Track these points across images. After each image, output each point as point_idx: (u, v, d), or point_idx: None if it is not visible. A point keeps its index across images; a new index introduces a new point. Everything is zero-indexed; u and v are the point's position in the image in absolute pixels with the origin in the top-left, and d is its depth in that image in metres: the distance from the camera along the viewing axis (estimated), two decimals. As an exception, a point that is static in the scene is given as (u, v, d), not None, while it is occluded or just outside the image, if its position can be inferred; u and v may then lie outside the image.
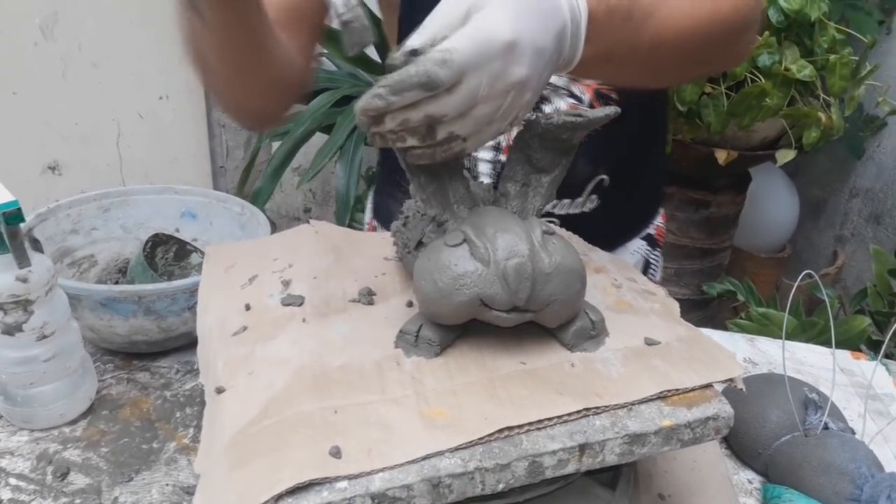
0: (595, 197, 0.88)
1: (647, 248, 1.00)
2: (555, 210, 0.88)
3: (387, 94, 0.47)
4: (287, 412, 0.50)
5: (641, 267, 1.00)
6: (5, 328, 0.67)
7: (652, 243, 1.01)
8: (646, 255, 1.00)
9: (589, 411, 0.51)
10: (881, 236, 2.20)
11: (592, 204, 0.88)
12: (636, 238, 0.99)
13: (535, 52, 0.50)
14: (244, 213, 0.95)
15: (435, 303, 0.53)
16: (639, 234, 0.99)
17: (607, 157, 0.87)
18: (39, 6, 2.02)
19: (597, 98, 0.84)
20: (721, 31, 0.68)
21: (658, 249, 1.02)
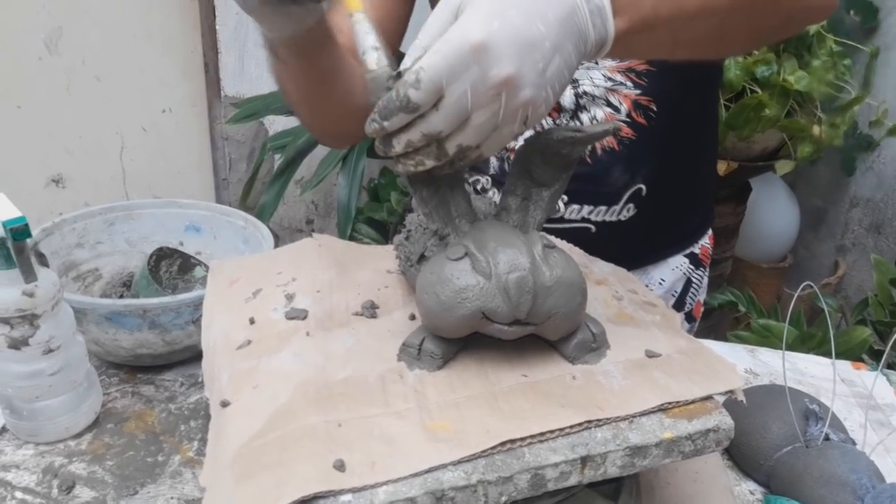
0: (632, 206, 0.87)
1: (689, 265, 0.98)
2: (590, 216, 0.87)
3: (379, 119, 0.49)
4: (291, 426, 0.51)
5: (682, 284, 0.99)
6: (12, 342, 0.68)
7: (695, 262, 0.99)
8: (688, 273, 0.99)
9: (591, 424, 0.52)
10: (882, 246, 2.20)
11: (629, 213, 0.88)
12: (678, 254, 0.97)
13: (521, 46, 0.47)
14: (248, 226, 0.96)
15: (437, 316, 0.54)
16: (681, 251, 0.97)
17: (646, 167, 0.86)
18: (44, 21, 2.04)
19: (635, 108, 0.84)
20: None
21: (702, 269, 1.01)
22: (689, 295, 1.01)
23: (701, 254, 1.00)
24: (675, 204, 0.93)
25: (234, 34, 2.16)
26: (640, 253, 0.89)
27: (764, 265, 2.24)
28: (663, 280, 0.97)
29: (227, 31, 2.16)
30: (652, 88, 0.83)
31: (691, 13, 0.56)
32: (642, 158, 0.86)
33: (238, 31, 2.16)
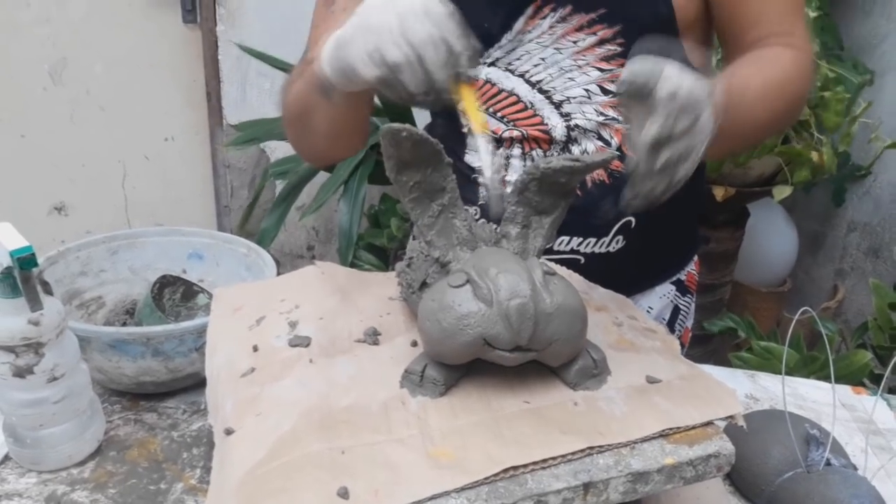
0: (621, 238, 0.89)
1: (676, 293, 0.99)
2: (580, 248, 0.89)
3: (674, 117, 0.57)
4: (295, 453, 0.51)
5: (669, 312, 0.99)
6: (16, 370, 0.68)
7: (682, 289, 1.00)
8: (674, 301, 1.00)
9: (592, 450, 0.52)
10: (881, 270, 2.21)
11: (618, 245, 0.89)
12: (665, 282, 0.98)
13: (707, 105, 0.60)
14: (250, 253, 0.97)
15: (439, 343, 0.54)
16: (668, 279, 0.98)
17: None
18: (49, 52, 2.07)
19: (626, 142, 0.85)
20: (799, 107, 0.83)
21: (689, 296, 1.01)
22: (678, 322, 1.01)
23: (687, 280, 1.01)
24: (664, 234, 0.94)
25: (236, 64, 2.19)
26: (629, 282, 0.90)
27: (763, 290, 2.24)
28: (651, 308, 0.97)
29: (229, 61, 2.19)
30: None
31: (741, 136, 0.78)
32: None
33: (240, 62, 2.19)
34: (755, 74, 0.74)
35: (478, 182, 0.90)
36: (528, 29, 0.82)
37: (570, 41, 0.81)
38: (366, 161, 1.81)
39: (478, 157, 0.89)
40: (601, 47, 0.81)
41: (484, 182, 0.64)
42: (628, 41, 0.80)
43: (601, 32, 0.80)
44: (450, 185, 0.61)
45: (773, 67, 0.76)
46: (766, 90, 0.74)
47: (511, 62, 0.84)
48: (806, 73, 0.80)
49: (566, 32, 0.81)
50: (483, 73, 0.85)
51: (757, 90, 0.73)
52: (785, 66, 0.77)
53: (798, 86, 0.79)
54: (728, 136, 0.67)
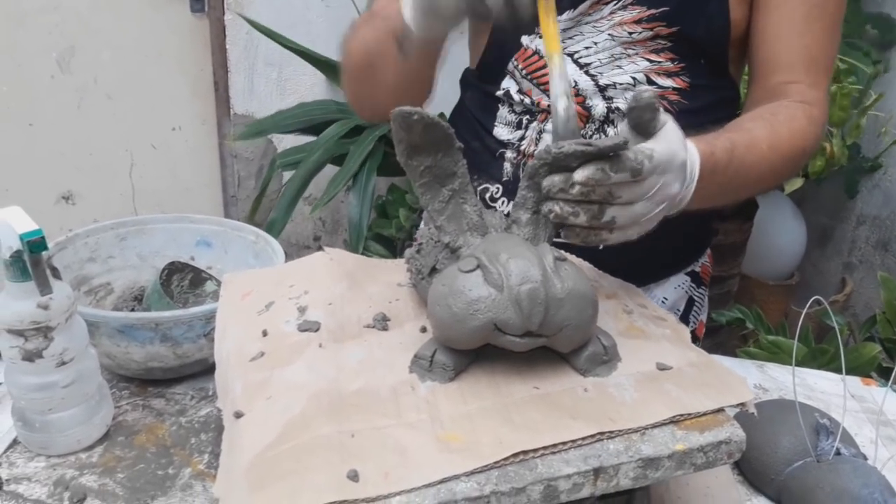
0: None
1: (690, 284, 0.99)
2: None
3: (609, 170, 0.55)
4: (305, 436, 0.51)
5: (685, 303, 0.99)
6: (26, 354, 0.68)
7: (697, 280, 1.00)
8: (689, 292, 1.00)
9: (603, 435, 0.52)
10: (889, 263, 2.20)
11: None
12: (680, 273, 0.98)
13: (686, 179, 0.64)
14: (258, 241, 0.96)
15: (449, 328, 0.54)
16: (683, 270, 0.98)
17: None
18: (57, 41, 2.07)
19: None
20: (792, 171, 0.85)
21: (703, 288, 1.01)
22: (693, 313, 1.01)
23: (702, 272, 1.01)
24: (682, 223, 0.94)
25: (243, 53, 2.19)
26: (645, 271, 0.90)
27: (771, 283, 2.23)
28: (666, 299, 0.97)
29: (236, 50, 2.18)
30: (679, 117, 0.85)
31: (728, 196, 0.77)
32: None
33: (248, 51, 2.19)
34: (765, 137, 0.76)
35: (504, 157, 0.91)
36: (591, 12, 0.83)
37: (625, 31, 0.82)
38: (374, 153, 1.80)
39: (506, 130, 0.90)
40: (653, 41, 0.83)
41: (553, 104, 0.65)
42: (681, 42, 0.82)
43: (657, 29, 0.82)
44: (460, 169, 0.60)
45: (786, 130, 0.78)
46: (774, 151, 0.76)
47: (563, 40, 0.84)
48: (818, 135, 0.83)
49: (624, 21, 0.82)
50: (534, 44, 0.86)
51: (762, 153, 0.75)
52: (798, 129, 0.79)
53: (808, 146, 0.81)
54: (717, 194, 0.71)
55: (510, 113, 0.90)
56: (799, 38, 0.81)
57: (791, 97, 0.81)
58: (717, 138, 0.71)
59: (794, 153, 0.79)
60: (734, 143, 0.72)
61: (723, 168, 0.70)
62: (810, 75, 0.82)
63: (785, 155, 0.78)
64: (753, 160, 0.74)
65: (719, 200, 0.75)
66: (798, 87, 0.82)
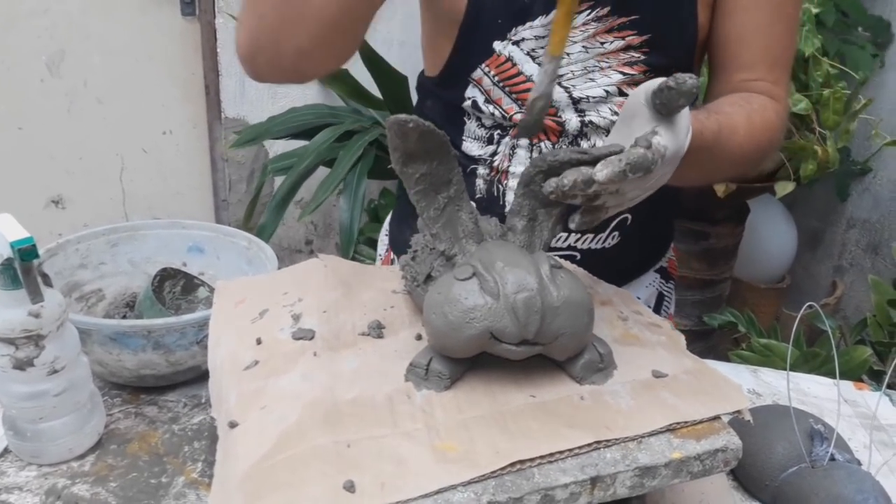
0: (617, 234, 0.90)
1: (660, 280, 1.01)
2: (577, 244, 0.89)
3: (629, 171, 0.54)
4: (300, 446, 0.51)
5: (655, 299, 1.01)
6: (17, 363, 0.68)
7: (665, 276, 1.02)
8: (659, 288, 1.01)
9: (599, 444, 0.52)
10: (879, 266, 2.21)
11: (613, 241, 0.90)
12: (650, 271, 1.00)
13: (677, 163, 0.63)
14: (251, 247, 0.96)
15: (445, 336, 0.54)
16: (653, 267, 1.00)
17: None
18: (46, 44, 2.06)
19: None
20: (760, 161, 0.84)
21: (671, 282, 1.03)
22: (663, 308, 1.03)
23: (669, 267, 1.03)
24: (653, 227, 0.96)
25: (234, 56, 2.18)
26: (619, 275, 0.91)
27: (762, 286, 2.24)
28: (638, 298, 0.98)
29: (227, 53, 2.17)
30: None
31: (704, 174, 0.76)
32: None
33: (239, 54, 2.18)
34: (743, 124, 0.76)
35: (476, 174, 0.90)
36: None
37: (598, 42, 0.82)
38: (365, 156, 1.80)
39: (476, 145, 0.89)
40: (626, 53, 0.82)
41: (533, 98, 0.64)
42: (653, 51, 0.82)
43: (629, 38, 0.81)
44: (455, 177, 0.60)
45: (760, 118, 0.79)
46: (749, 138, 0.77)
47: (535, 49, 0.83)
48: (783, 127, 0.86)
49: (597, 33, 0.81)
50: (507, 51, 0.84)
51: (740, 139, 0.75)
52: (769, 120, 0.80)
53: (775, 138, 0.83)
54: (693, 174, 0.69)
55: (479, 127, 0.88)
56: (762, 40, 0.83)
57: (754, 93, 0.83)
58: (706, 118, 0.71)
59: (765, 143, 0.80)
60: (720, 127, 0.72)
61: (707, 149, 0.69)
62: (773, 73, 0.84)
63: (758, 144, 0.79)
64: (732, 145, 0.74)
65: (691, 180, 0.74)
66: (761, 84, 0.83)
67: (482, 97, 0.86)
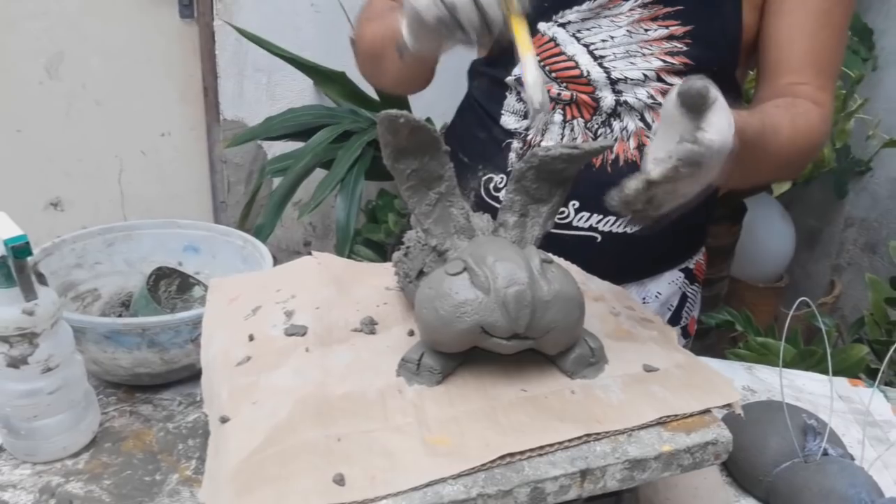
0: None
1: (684, 280, 1.00)
2: (598, 226, 0.89)
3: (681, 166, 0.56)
4: (291, 440, 0.51)
5: (678, 299, 1.00)
6: (11, 361, 0.68)
7: (690, 277, 1.01)
8: (683, 288, 1.01)
9: (590, 437, 0.52)
10: (877, 265, 2.21)
11: (635, 227, 0.89)
12: (674, 269, 0.99)
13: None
14: (246, 246, 0.96)
15: (436, 330, 0.54)
16: (677, 266, 0.99)
17: None
18: (45, 46, 2.06)
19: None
20: (802, 165, 0.89)
21: (696, 285, 1.03)
22: (686, 309, 1.02)
23: (696, 269, 1.02)
24: (680, 221, 0.94)
25: (232, 59, 2.19)
26: (640, 266, 0.91)
27: (760, 285, 2.24)
28: (659, 293, 0.98)
29: (226, 55, 2.18)
30: None
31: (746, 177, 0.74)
32: None
33: (237, 56, 2.18)
34: (786, 126, 0.77)
35: (510, 148, 0.91)
36: (612, 5, 0.85)
37: (642, 28, 0.84)
38: (363, 157, 1.80)
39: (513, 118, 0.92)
40: (668, 42, 0.84)
41: (528, 98, 0.65)
42: (695, 43, 0.83)
43: (673, 28, 0.83)
44: (447, 173, 0.60)
45: (804, 122, 0.80)
46: (792, 141, 0.78)
47: (580, 30, 0.86)
48: (827, 132, 0.86)
49: (642, 19, 0.84)
50: (551, 32, 0.87)
51: (783, 140, 0.76)
52: (812, 124, 0.81)
53: (818, 142, 0.83)
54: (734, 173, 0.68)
55: (517, 101, 0.92)
56: (808, 43, 0.84)
57: (800, 97, 0.83)
58: (749, 116, 0.71)
59: (807, 147, 0.81)
60: (764, 126, 0.72)
61: (751, 146, 0.69)
62: (819, 79, 0.84)
63: (800, 148, 0.80)
64: (775, 145, 0.75)
65: (735, 180, 0.74)
66: (806, 88, 0.84)
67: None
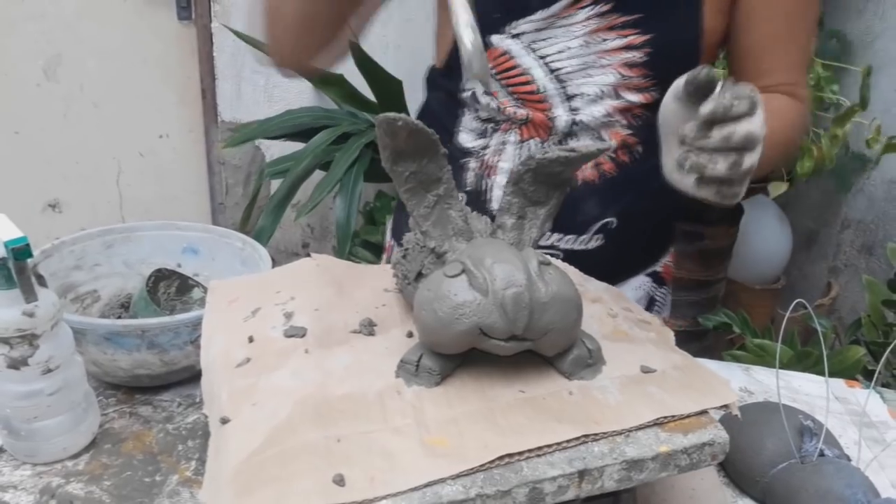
0: (601, 236, 0.90)
1: (651, 284, 1.00)
2: (559, 244, 0.89)
3: (730, 97, 0.56)
4: (291, 441, 0.51)
5: (645, 303, 1.00)
6: (11, 362, 0.68)
7: (658, 280, 1.01)
8: (650, 292, 1.01)
9: (587, 438, 0.52)
10: (874, 267, 2.22)
11: (597, 243, 0.90)
12: (640, 275, 0.99)
13: None
14: (245, 248, 0.96)
15: (435, 332, 0.54)
16: (644, 271, 1.00)
17: (620, 203, 0.89)
18: (43, 48, 2.07)
19: (622, 147, 0.87)
20: (790, 157, 0.90)
21: (665, 287, 1.03)
22: (654, 312, 1.02)
23: (663, 272, 1.02)
24: (642, 233, 0.95)
25: (230, 60, 2.19)
26: (603, 277, 0.91)
27: (757, 287, 2.25)
28: None
29: (224, 57, 2.18)
30: (642, 131, 0.86)
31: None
32: (618, 195, 0.88)
33: (235, 58, 2.19)
34: (780, 112, 0.78)
35: (467, 167, 0.90)
36: (565, 14, 0.83)
37: (599, 38, 0.82)
38: (361, 159, 1.81)
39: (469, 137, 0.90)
40: (627, 52, 0.82)
41: (458, 36, 0.63)
42: (654, 52, 0.82)
43: (631, 38, 0.81)
44: (445, 175, 0.61)
45: (782, 117, 0.80)
46: (772, 138, 0.77)
47: (535, 41, 0.84)
48: (806, 125, 0.88)
49: (599, 29, 0.82)
50: (504, 45, 0.85)
51: (774, 124, 0.76)
52: (793, 118, 0.82)
53: (798, 136, 0.85)
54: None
55: (474, 119, 0.90)
56: (782, 50, 0.85)
57: (776, 94, 0.84)
58: None
59: (794, 137, 0.83)
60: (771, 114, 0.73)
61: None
62: (791, 77, 0.86)
63: (789, 138, 0.81)
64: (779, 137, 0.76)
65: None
66: (781, 88, 0.85)
67: (481, 88, 0.87)
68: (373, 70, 1.87)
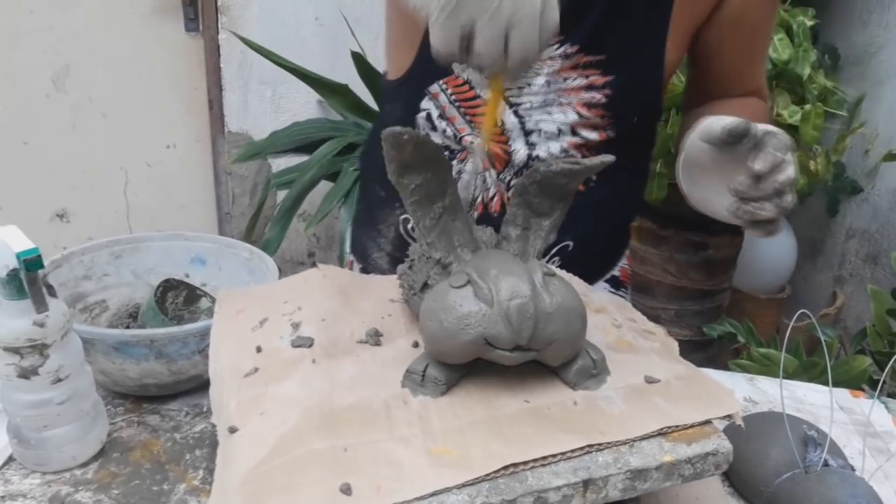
0: (558, 258, 0.91)
1: (610, 289, 1.01)
2: None
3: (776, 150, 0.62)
4: (298, 450, 0.52)
5: None
6: (21, 372, 0.69)
7: (616, 284, 1.02)
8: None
9: (592, 448, 0.53)
10: (879, 276, 2.22)
11: (555, 265, 0.91)
12: (598, 280, 1.00)
13: None
14: (252, 258, 0.97)
15: (441, 342, 0.55)
16: (601, 278, 1.00)
17: (576, 229, 0.89)
18: (52, 59, 2.09)
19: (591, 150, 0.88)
20: None
21: (623, 289, 1.03)
22: None
23: (621, 275, 1.02)
24: (597, 252, 0.97)
25: (237, 71, 2.21)
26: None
27: (762, 296, 2.25)
28: None
29: (231, 68, 2.20)
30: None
31: None
32: (573, 221, 0.87)
33: (242, 69, 2.21)
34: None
35: None
36: None
37: (561, 77, 0.82)
38: (367, 168, 1.82)
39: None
40: (587, 92, 0.82)
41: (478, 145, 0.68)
42: (614, 93, 0.82)
43: (593, 78, 0.81)
44: (451, 187, 0.61)
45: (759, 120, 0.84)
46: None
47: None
48: (768, 119, 0.91)
49: (563, 69, 0.81)
50: (465, 74, 0.84)
51: None
52: (767, 120, 0.84)
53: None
54: None
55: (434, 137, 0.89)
56: (748, 72, 0.90)
57: None
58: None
59: None
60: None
61: None
62: (759, 81, 0.92)
63: None
64: None
65: None
66: (753, 93, 0.91)
67: (437, 111, 0.87)
68: (375, 81, 1.88)
